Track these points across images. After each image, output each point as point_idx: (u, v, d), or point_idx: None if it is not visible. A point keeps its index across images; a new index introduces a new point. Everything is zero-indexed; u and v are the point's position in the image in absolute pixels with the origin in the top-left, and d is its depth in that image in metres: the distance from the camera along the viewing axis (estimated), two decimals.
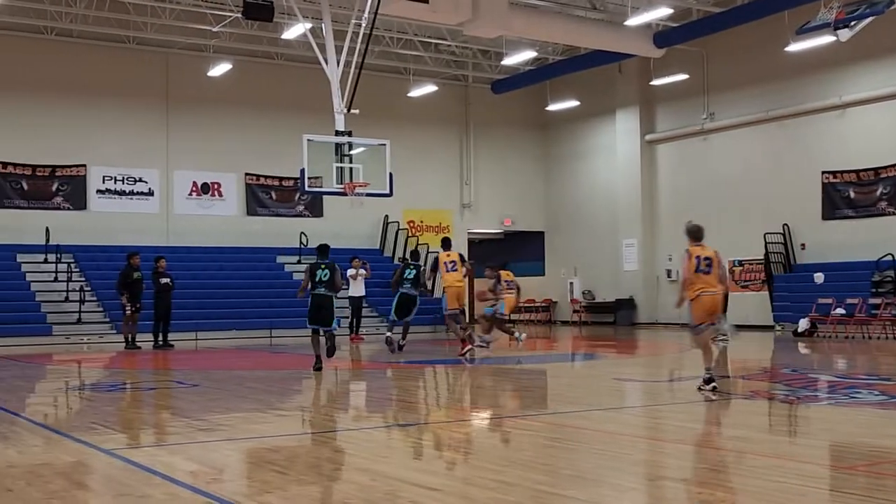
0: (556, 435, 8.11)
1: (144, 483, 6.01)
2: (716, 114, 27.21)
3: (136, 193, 26.58)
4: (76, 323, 22.59)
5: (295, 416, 9.91)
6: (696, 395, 10.92)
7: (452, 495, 5.62)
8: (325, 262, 14.08)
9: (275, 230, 27.93)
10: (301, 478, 6.28)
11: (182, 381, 13.79)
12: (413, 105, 29.95)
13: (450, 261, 18.17)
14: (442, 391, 13.07)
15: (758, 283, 25.89)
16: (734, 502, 5.23)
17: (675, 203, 28.52)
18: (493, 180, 32.16)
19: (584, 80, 29.72)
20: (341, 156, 19.07)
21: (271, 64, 28.02)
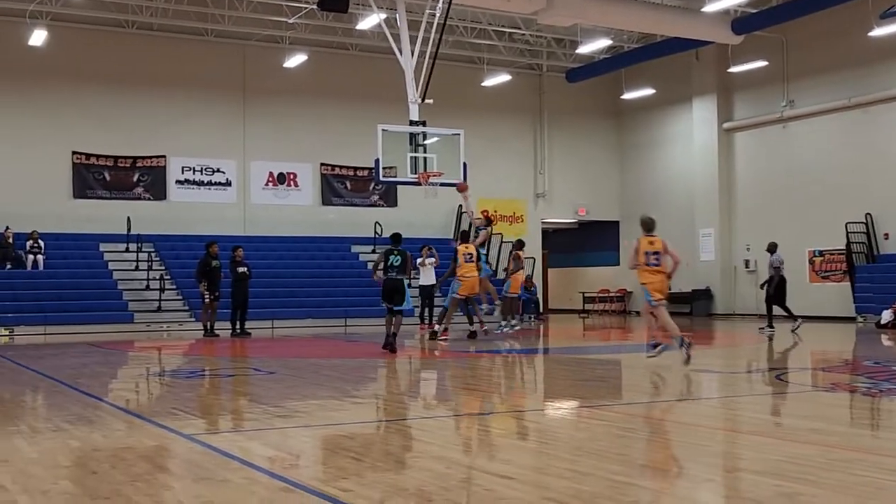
0: (631, 425, 8.06)
1: (223, 467, 6.13)
2: (795, 101, 26.65)
3: (214, 184, 27.07)
4: (157, 311, 23.12)
5: (370, 404, 10.01)
6: (774, 386, 10.75)
7: (527, 484, 5.62)
8: (397, 249, 15.31)
9: (350, 220, 28.19)
10: (376, 464, 6.34)
11: (259, 368, 14.02)
12: (487, 94, 29.92)
13: (467, 252, 18.55)
14: (515, 380, 13.07)
15: (839, 273, 25.34)
16: (814, 495, 5.14)
17: (753, 192, 28.05)
18: (568, 170, 31.97)
19: (660, 68, 29.36)
20: (415, 145, 19.13)
21: (346, 55, 28.25)
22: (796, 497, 5.11)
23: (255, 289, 22.26)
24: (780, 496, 5.15)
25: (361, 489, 5.39)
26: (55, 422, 8.21)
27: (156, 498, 5.22)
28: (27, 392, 11.13)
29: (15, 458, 6.44)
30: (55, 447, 6.86)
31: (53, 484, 5.63)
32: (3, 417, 8.68)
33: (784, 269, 20.59)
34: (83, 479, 5.88)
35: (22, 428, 7.88)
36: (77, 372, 12.91)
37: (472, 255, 18.77)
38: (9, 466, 6.14)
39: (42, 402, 10.16)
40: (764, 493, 5.31)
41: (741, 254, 28.08)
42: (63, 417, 8.36)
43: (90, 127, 25.64)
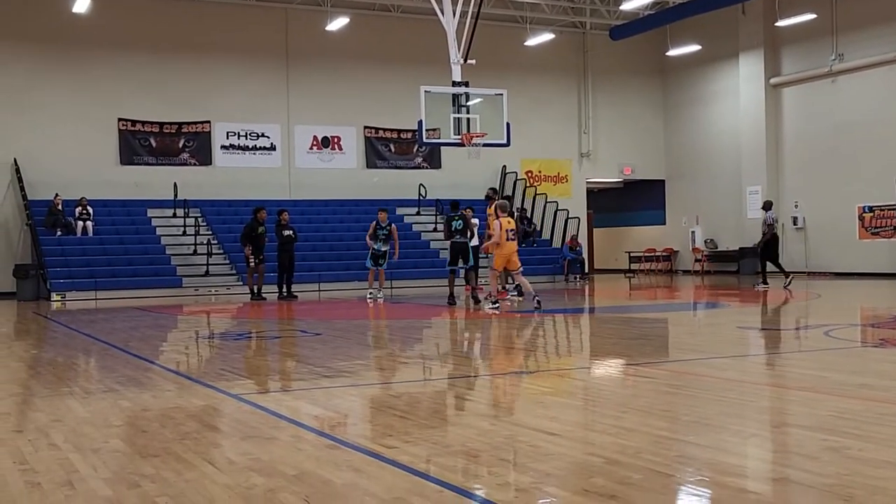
0: (677, 382, 8.02)
1: (271, 426, 6.22)
2: (845, 55, 26.10)
3: (259, 148, 27.22)
4: (204, 275, 23.40)
5: (416, 364, 10.07)
6: (823, 342, 10.64)
7: (572, 440, 5.63)
8: (457, 214, 17.38)
9: (394, 182, 28.23)
10: (422, 422, 6.38)
11: (306, 330, 14.15)
12: (530, 54, 29.67)
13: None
14: (560, 339, 13.06)
15: (889, 229, 24.93)
16: (861, 449, 5.09)
17: (801, 148, 27.61)
18: (612, 129, 31.69)
19: (706, 24, 28.88)
20: (458, 106, 19.06)
21: (388, 16, 28.14)
22: (844, 451, 5.07)
23: (301, 252, 22.43)
24: (827, 450, 5.11)
25: (407, 446, 5.43)
26: (106, 383, 8.37)
27: (204, 455, 5.31)
28: (80, 355, 11.34)
29: (67, 418, 6.58)
30: (106, 407, 7.00)
31: (104, 442, 5.74)
32: (56, 379, 8.87)
33: (777, 227, 20.97)
34: (133, 437, 5.99)
35: (74, 389, 8.04)
36: (127, 335, 13.14)
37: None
38: (61, 426, 6.27)
39: (94, 365, 10.36)
40: (811, 447, 5.27)
41: (789, 211, 27.73)
42: (114, 379, 8.52)
43: (135, 94, 25.87)
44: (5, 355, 11.43)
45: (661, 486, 4.51)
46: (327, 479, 4.71)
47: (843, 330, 12.06)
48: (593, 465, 4.93)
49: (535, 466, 4.91)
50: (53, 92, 25.06)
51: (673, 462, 4.97)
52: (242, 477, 4.77)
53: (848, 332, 11.90)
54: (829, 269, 26.38)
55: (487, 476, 4.83)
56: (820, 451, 5.14)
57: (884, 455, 4.97)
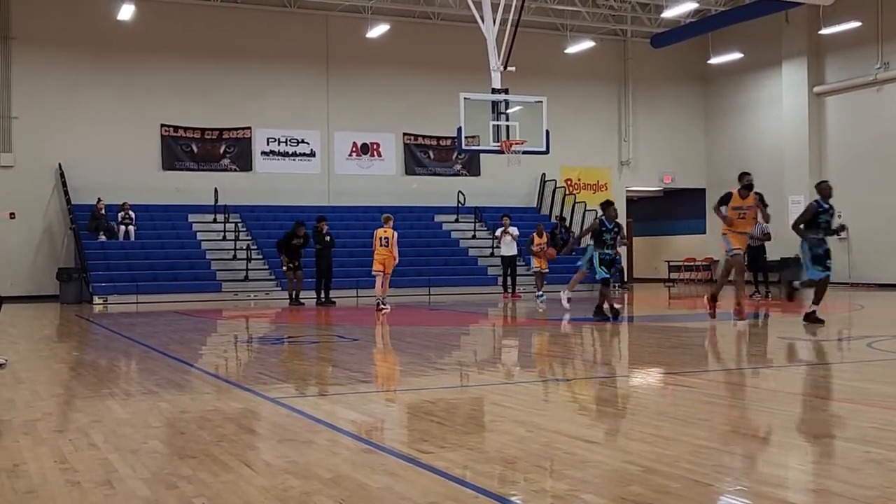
0: (717, 392, 7.94)
1: (308, 430, 6.24)
2: (891, 63, 25.74)
3: (299, 154, 27.38)
4: (244, 280, 23.55)
5: (453, 370, 10.05)
6: (866, 353, 10.49)
7: (609, 448, 5.59)
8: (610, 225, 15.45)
9: (433, 189, 28.25)
10: (458, 428, 6.37)
11: (343, 335, 14.18)
12: (570, 61, 29.58)
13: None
14: (599, 347, 12.98)
15: None
16: None
17: (845, 158, 27.26)
18: (653, 137, 31.49)
19: (748, 31, 28.63)
20: (498, 114, 19.06)
21: (428, 24, 28.19)
22: (886, 463, 4.98)
23: (340, 258, 22.51)
24: (869, 462, 5.03)
25: (443, 452, 5.42)
26: (146, 385, 8.44)
27: (241, 457, 5.33)
28: (120, 358, 11.46)
29: (107, 419, 6.64)
30: (145, 409, 7.06)
31: (143, 443, 5.79)
32: (97, 381, 8.96)
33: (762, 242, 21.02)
34: (171, 439, 6.04)
35: (115, 391, 8.12)
36: (167, 339, 13.25)
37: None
38: (101, 426, 6.34)
39: (134, 367, 10.46)
40: (853, 460, 5.19)
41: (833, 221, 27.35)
42: (153, 381, 8.59)
43: (177, 100, 26.13)
44: (47, 356, 11.58)
45: (699, 496, 4.46)
46: (363, 483, 4.71)
47: (887, 342, 11.87)
48: (630, 473, 4.89)
49: (572, 474, 4.88)
50: (97, 98, 25.38)
51: (711, 472, 4.91)
52: (278, 479, 4.79)
53: (891, 344, 11.71)
54: (873, 280, 25.99)
55: (523, 482, 4.80)
56: (862, 463, 5.06)
57: None
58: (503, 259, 22.88)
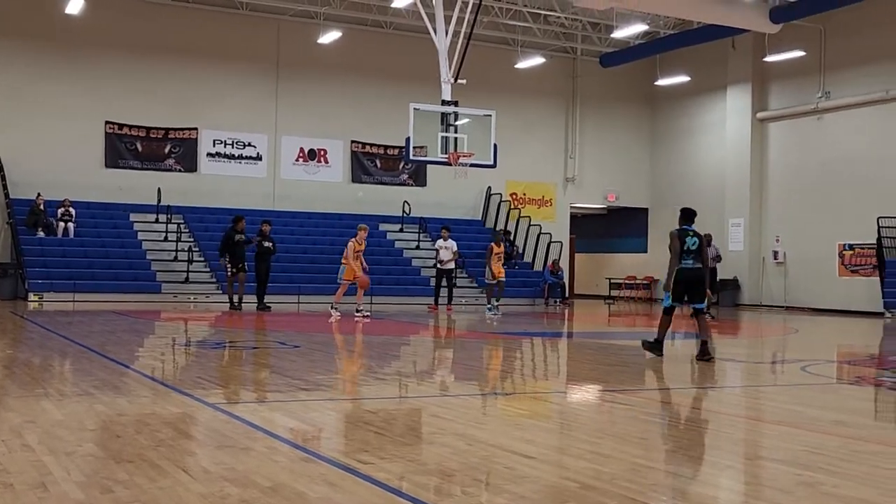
0: (653, 410, 8.05)
1: (246, 436, 6.19)
2: (832, 92, 26.35)
3: (245, 157, 27.19)
4: (184, 282, 23.29)
5: (393, 380, 10.04)
6: (799, 377, 10.70)
7: (547, 463, 5.64)
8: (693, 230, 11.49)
9: (379, 198, 28.22)
10: (397, 439, 6.37)
11: (284, 342, 14.10)
12: (520, 77, 29.80)
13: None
14: (539, 363, 13.07)
15: (868, 268, 25.10)
16: (835, 486, 5.11)
17: (785, 184, 27.82)
18: (598, 155, 31.83)
19: (695, 55, 29.11)
20: (447, 125, 19.15)
21: (380, 32, 28.20)
22: (817, 486, 5.09)
23: (282, 264, 22.37)
24: (801, 485, 5.14)
25: (382, 462, 5.42)
26: (82, 386, 8.31)
27: (179, 463, 5.28)
28: (55, 357, 11.26)
29: (42, 420, 6.53)
30: (81, 411, 6.95)
31: (78, 446, 5.70)
32: (31, 380, 8.80)
33: (715, 262, 21.25)
34: (107, 442, 5.95)
35: (49, 391, 7.99)
36: (104, 339, 13.06)
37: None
38: (35, 427, 6.23)
39: (69, 368, 10.28)
40: (785, 482, 5.29)
41: (770, 245, 27.89)
42: (90, 383, 8.46)
43: (124, 97, 25.79)
44: None
45: None
46: (301, 493, 4.69)
47: (820, 366, 12.13)
48: (568, 489, 4.94)
49: (510, 488, 4.91)
50: (41, 92, 24.94)
51: (648, 490, 4.98)
52: (216, 486, 4.75)
53: (824, 369, 11.97)
54: (807, 304, 26.53)
55: (461, 495, 4.82)
56: (794, 485, 5.17)
57: (857, 492, 5.00)
58: (438, 271, 22.77)
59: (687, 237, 11.33)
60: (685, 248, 11.27)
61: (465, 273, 26.30)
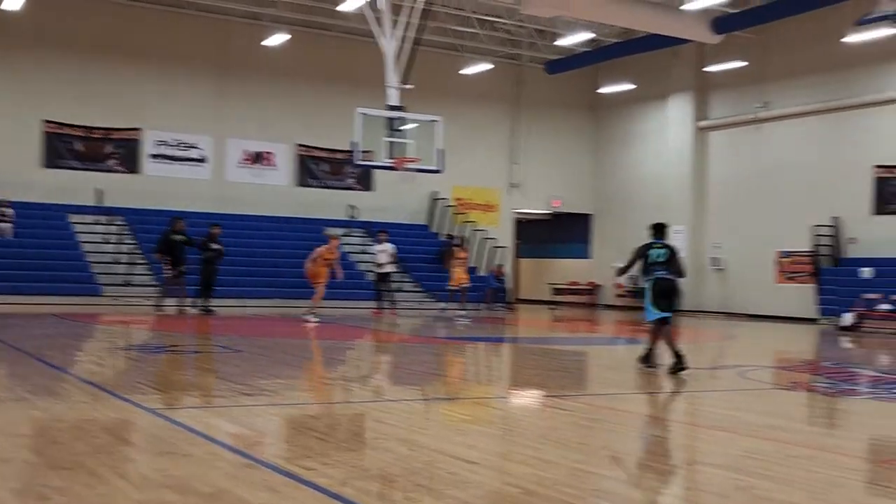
0: (595, 416, 8.14)
1: (187, 442, 6.15)
2: (770, 103, 26.84)
3: (189, 159, 26.90)
4: (125, 285, 22.96)
5: (337, 385, 10.03)
6: (737, 382, 10.89)
7: (490, 469, 5.68)
8: (659, 242, 11.58)
9: (325, 201, 28.11)
10: (341, 444, 6.38)
11: (227, 346, 13.99)
12: (466, 83, 29.90)
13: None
14: (482, 368, 13.13)
15: (804, 275, 25.59)
16: (768, 490, 5.23)
17: (725, 191, 28.27)
18: (543, 161, 32.04)
19: (639, 64, 29.46)
20: (393, 130, 19.17)
21: (327, 36, 28.10)
22: (752, 490, 5.21)
23: (227, 266, 22.15)
24: (736, 489, 5.25)
25: (324, 468, 5.42)
26: (18, 392, 8.18)
27: (118, 470, 5.23)
28: None
29: None
30: (17, 417, 6.84)
31: (13, 453, 5.62)
32: None
33: None
34: (44, 448, 5.87)
35: None
36: (42, 343, 12.83)
37: None
38: None
39: (5, 372, 10.09)
40: (721, 486, 5.41)
41: (710, 251, 28.33)
42: (26, 388, 8.33)
43: (63, 96, 25.36)
44: None
45: None
46: (243, 499, 4.68)
47: (756, 371, 12.36)
48: (511, 495, 4.99)
49: (453, 493, 4.95)
50: None
51: (589, 495, 5.05)
52: (156, 494, 4.72)
53: (761, 374, 12.20)
54: (745, 310, 26.98)
55: (404, 501, 4.84)
56: (730, 489, 5.28)
57: (790, 496, 5.12)
58: (377, 274, 22.66)
59: (650, 250, 11.41)
60: (650, 260, 11.36)
61: (410, 278, 26.32)
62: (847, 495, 5.28)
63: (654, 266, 11.29)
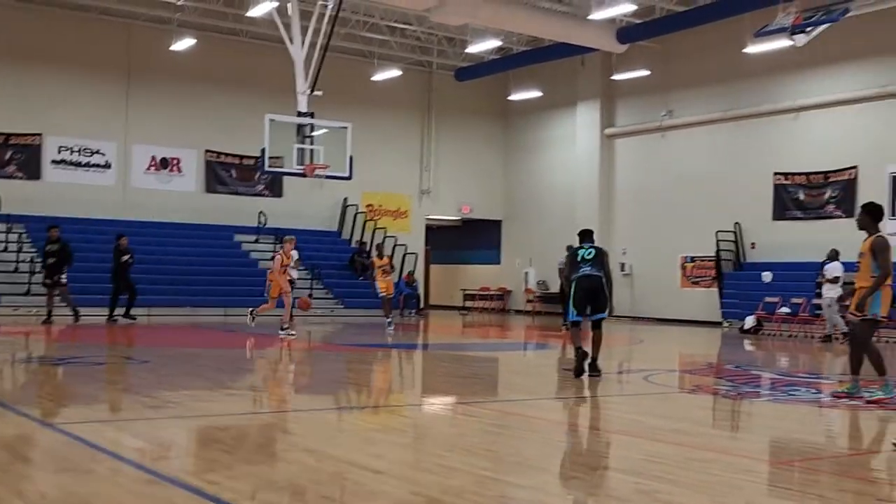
0: (502, 422, 8.22)
1: (89, 459, 6.02)
2: (675, 111, 27.47)
3: (93, 165, 26.28)
4: (25, 294, 22.33)
5: (245, 396, 9.93)
6: (642, 387, 11.12)
7: (396, 478, 5.70)
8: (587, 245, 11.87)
9: (234, 208, 27.76)
10: (248, 457, 6.32)
11: (132, 357, 13.72)
12: (376, 89, 29.89)
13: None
14: (392, 375, 13.14)
15: (708, 279, 26.24)
16: (670, 493, 5.36)
17: (631, 198, 28.80)
18: (453, 167, 32.21)
19: (547, 72, 29.84)
20: (303, 137, 19.08)
21: (235, 41, 27.78)
22: (654, 494, 5.33)
23: (133, 275, 21.75)
24: (638, 493, 5.37)
25: (229, 482, 5.37)
26: None
27: (14, 489, 5.09)
28: None
29: None
30: None
31: None
32: None
33: None
34: None
35: None
36: None
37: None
38: None
39: None
40: (624, 491, 5.52)
41: (618, 257, 28.82)
42: None
43: None
44: None
45: None
46: None
47: (661, 375, 12.64)
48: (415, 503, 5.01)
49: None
50: None
51: (493, 502, 5.10)
52: None
53: (666, 378, 12.47)
54: (652, 315, 27.53)
55: None
56: (632, 493, 5.39)
57: (690, 499, 5.26)
58: None
59: (580, 249, 11.72)
60: (577, 258, 11.61)
61: (320, 284, 26.18)
62: (746, 497, 5.45)
63: (581, 264, 11.54)
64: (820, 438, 8.12)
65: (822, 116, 23.98)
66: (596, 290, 11.49)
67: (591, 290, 11.46)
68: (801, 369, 14.46)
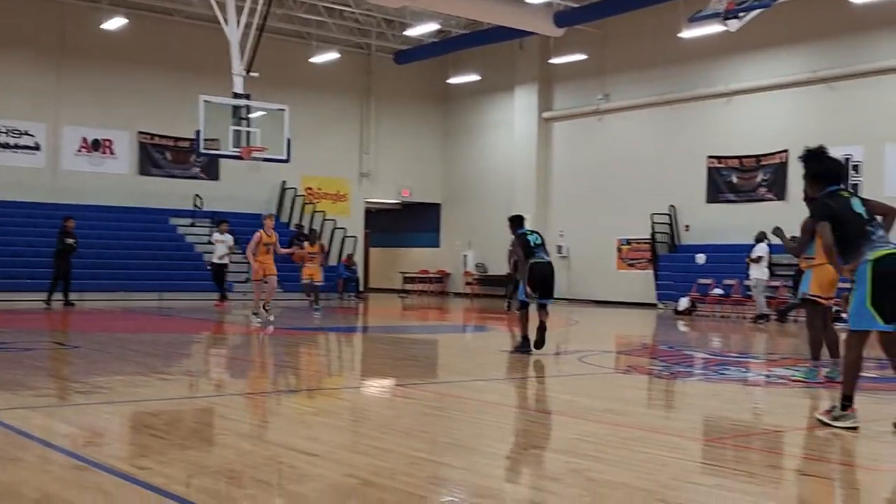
0: (438, 404, 8.26)
1: (16, 446, 5.92)
2: (611, 95, 27.71)
3: (21, 147, 25.69)
4: None
5: (179, 381, 9.83)
6: (577, 367, 11.25)
7: (330, 461, 5.70)
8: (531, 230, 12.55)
9: (169, 191, 27.37)
10: (180, 442, 6.27)
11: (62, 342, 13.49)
12: (315, 71, 29.67)
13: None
14: (330, 358, 13.12)
15: (643, 262, 26.58)
16: (601, 471, 5.44)
17: (569, 181, 29.02)
18: (393, 151, 32.14)
19: (486, 55, 29.89)
20: (239, 119, 18.88)
21: (169, 20, 27.35)
22: (584, 473, 5.40)
23: None
24: (570, 472, 5.44)
25: (161, 467, 5.32)
26: None
27: None
28: None
29: None
30: None
31: None
32: None
33: None
34: None
35: None
36: None
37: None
38: None
39: None
40: (556, 469, 5.59)
41: (555, 240, 29.02)
42: None
43: None
44: None
45: None
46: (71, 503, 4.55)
47: (596, 356, 12.79)
48: (349, 486, 5.02)
49: (292, 488, 4.95)
50: None
51: (426, 483, 5.13)
52: None
53: (600, 359, 12.62)
54: (589, 297, 27.82)
55: (243, 499, 4.81)
56: (564, 472, 5.46)
57: (619, 477, 5.34)
58: (214, 265, 22.10)
59: (528, 236, 12.22)
60: (532, 244, 12.12)
61: None
62: (676, 474, 5.54)
63: (535, 249, 12.09)
64: (748, 416, 8.29)
65: (754, 101, 24.39)
66: (551, 277, 12.25)
67: (547, 277, 12.16)
68: (732, 349, 14.74)
